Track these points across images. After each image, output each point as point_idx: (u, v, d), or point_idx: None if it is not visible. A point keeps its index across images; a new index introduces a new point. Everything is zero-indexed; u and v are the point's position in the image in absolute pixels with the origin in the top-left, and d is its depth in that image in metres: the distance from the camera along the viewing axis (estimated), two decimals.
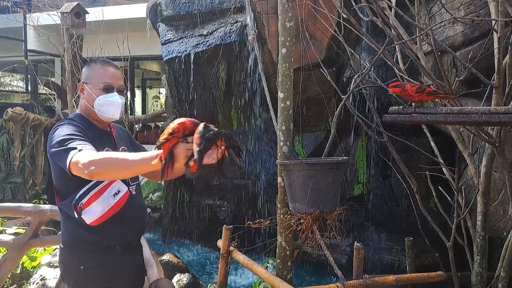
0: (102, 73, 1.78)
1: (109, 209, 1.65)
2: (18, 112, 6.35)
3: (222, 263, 2.52)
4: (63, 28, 5.27)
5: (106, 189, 1.65)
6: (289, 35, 2.49)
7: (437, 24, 2.85)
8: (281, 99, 2.51)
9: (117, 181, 1.67)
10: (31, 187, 6.33)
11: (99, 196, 1.64)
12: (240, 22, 4.56)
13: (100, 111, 1.76)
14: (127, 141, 1.91)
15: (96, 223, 1.65)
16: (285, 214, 2.44)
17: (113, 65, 1.81)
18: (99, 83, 1.76)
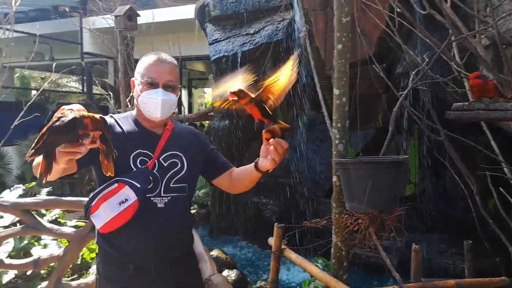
0: (148, 67, 1.58)
1: (114, 218, 1.48)
2: None
3: (274, 261, 2.52)
4: (116, 30, 5.48)
5: (113, 194, 1.49)
6: (345, 31, 2.45)
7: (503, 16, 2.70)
8: (337, 96, 2.47)
9: (126, 187, 1.48)
10: (87, 182, 6.65)
11: (104, 200, 1.50)
12: (287, 20, 4.55)
13: (143, 109, 1.59)
14: (188, 146, 1.67)
15: (104, 231, 1.51)
16: (341, 213, 2.40)
17: (162, 58, 1.61)
18: (143, 78, 1.58)
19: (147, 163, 1.54)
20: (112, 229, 1.49)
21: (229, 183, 1.69)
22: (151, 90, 1.55)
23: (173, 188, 1.58)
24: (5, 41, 5.46)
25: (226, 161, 1.74)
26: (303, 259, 2.38)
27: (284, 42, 4.57)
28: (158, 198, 1.54)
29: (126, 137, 1.56)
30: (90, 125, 1.11)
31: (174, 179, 1.58)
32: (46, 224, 2.61)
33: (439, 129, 3.01)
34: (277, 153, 1.41)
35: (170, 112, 1.60)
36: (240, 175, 1.65)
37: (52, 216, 3.71)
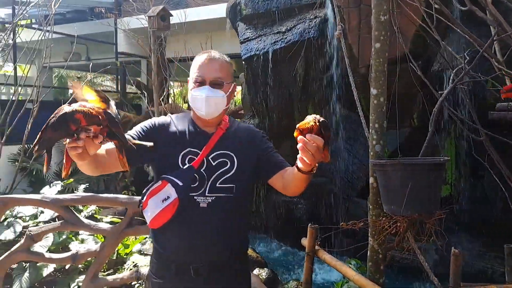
0: (197, 65, 1.58)
1: (158, 214, 1.50)
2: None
3: (308, 261, 2.51)
4: (150, 30, 5.58)
5: (158, 191, 1.52)
6: (384, 29, 2.39)
7: None
8: (374, 95, 2.42)
9: (168, 185, 1.50)
10: (121, 179, 6.82)
11: (151, 196, 1.52)
12: (319, 18, 4.50)
13: (193, 107, 1.59)
14: (242, 146, 1.62)
15: (151, 226, 1.54)
16: (378, 216, 2.35)
17: (211, 55, 1.59)
18: (193, 75, 1.58)
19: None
20: (158, 225, 1.51)
21: (282, 184, 1.61)
22: (198, 87, 1.55)
23: (219, 188, 1.54)
24: (45, 42, 5.67)
25: (281, 160, 1.65)
26: (338, 261, 2.35)
27: (316, 40, 4.52)
28: (201, 197, 1.52)
29: (178, 136, 1.57)
30: (83, 120, 1.11)
31: (221, 179, 1.54)
32: (84, 220, 2.69)
33: (479, 129, 2.91)
34: (305, 151, 1.28)
35: (217, 109, 1.57)
36: (289, 176, 1.56)
37: (88, 212, 3.83)
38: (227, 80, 1.59)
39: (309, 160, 1.30)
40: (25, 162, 6.06)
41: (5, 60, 6.33)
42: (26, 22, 7.90)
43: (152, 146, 1.38)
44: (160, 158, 1.56)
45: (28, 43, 5.86)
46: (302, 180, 1.47)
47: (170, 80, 7.03)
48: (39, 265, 3.06)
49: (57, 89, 11.36)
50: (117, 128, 1.19)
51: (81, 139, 1.12)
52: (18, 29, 6.22)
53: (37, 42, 5.73)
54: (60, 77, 11.94)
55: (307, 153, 1.28)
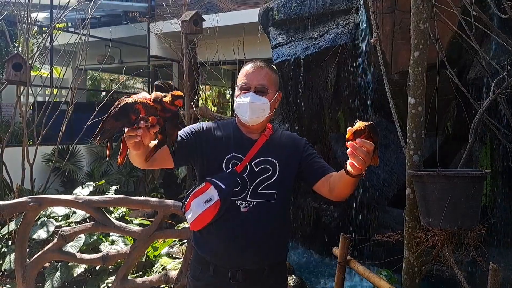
0: (244, 73, 1.63)
1: (199, 216, 1.53)
2: None
3: (339, 271, 2.46)
4: (182, 35, 5.66)
5: (201, 193, 1.55)
6: (423, 37, 2.34)
7: None
8: (412, 104, 2.37)
9: (211, 187, 1.53)
10: (150, 181, 6.93)
11: (194, 198, 1.56)
12: (352, 23, 4.44)
13: (237, 113, 1.63)
14: (284, 152, 1.64)
15: (193, 228, 1.58)
16: (414, 228, 2.28)
17: (257, 64, 1.64)
18: (239, 83, 1.63)
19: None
20: (200, 227, 1.54)
21: (328, 189, 1.61)
22: (242, 94, 1.60)
23: (260, 194, 1.56)
24: (81, 45, 5.84)
25: (325, 165, 1.67)
26: (371, 272, 2.29)
27: (348, 46, 4.46)
28: (243, 202, 1.54)
29: (223, 141, 1.61)
30: (142, 110, 1.18)
31: (263, 184, 1.57)
32: (115, 222, 2.73)
33: None
34: (355, 156, 1.30)
35: (261, 116, 1.60)
36: (335, 180, 1.57)
37: (119, 214, 3.90)
38: (271, 87, 1.63)
39: (359, 165, 1.31)
40: (59, 162, 6.24)
41: (42, 63, 6.54)
42: (63, 25, 8.16)
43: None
44: (205, 161, 1.60)
45: (64, 46, 6.05)
46: (350, 184, 1.48)
47: (201, 84, 7.10)
48: (70, 265, 3.14)
49: (90, 91, 11.67)
50: (169, 123, 1.28)
51: (140, 128, 1.18)
52: (55, 32, 6.43)
53: (73, 45, 5.91)
54: (94, 80, 12.26)
55: (357, 158, 1.30)
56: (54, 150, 6.08)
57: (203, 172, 1.62)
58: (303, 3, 4.96)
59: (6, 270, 3.49)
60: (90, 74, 12.46)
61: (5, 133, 5.57)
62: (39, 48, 6.04)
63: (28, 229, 2.69)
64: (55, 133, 5.66)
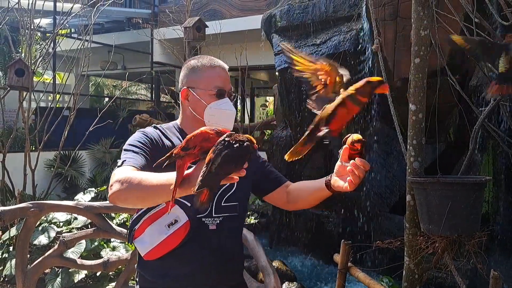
0: (212, 75, 1.43)
1: (160, 243, 1.31)
2: (144, 119, 7.02)
3: (340, 278, 2.45)
4: (185, 41, 5.69)
5: (161, 215, 1.32)
6: (424, 44, 2.35)
7: None
8: (413, 111, 2.38)
9: (176, 207, 1.31)
10: None
11: (151, 222, 1.32)
12: (354, 30, 4.46)
13: (211, 121, 1.40)
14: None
15: (148, 257, 1.33)
16: (415, 235, 2.28)
17: (222, 64, 1.47)
18: (209, 88, 1.41)
19: None
20: (160, 255, 1.32)
21: (285, 199, 1.51)
22: (219, 100, 1.41)
23: (224, 207, 1.40)
24: (83, 51, 5.87)
25: (279, 175, 1.57)
26: (372, 279, 2.28)
27: (351, 53, 4.47)
28: (209, 218, 1.36)
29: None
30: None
31: (225, 197, 1.41)
32: (116, 228, 2.72)
33: None
34: (356, 176, 1.27)
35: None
36: (302, 191, 1.48)
37: (120, 220, 3.89)
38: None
39: (356, 183, 1.30)
40: (60, 168, 6.24)
41: (45, 68, 6.58)
42: (66, 31, 8.21)
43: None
44: None
45: (67, 52, 6.08)
46: (324, 198, 1.44)
47: None
48: (71, 271, 3.12)
49: (93, 97, 11.70)
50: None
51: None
52: (58, 38, 6.47)
53: (76, 51, 5.94)
54: (96, 85, 12.30)
55: (355, 177, 1.29)
56: (56, 156, 6.09)
57: None
58: (305, 10, 4.98)
59: (7, 275, 3.48)
60: (93, 80, 12.50)
61: (8, 138, 5.59)
62: (41, 53, 6.08)
63: (29, 235, 2.68)
64: (57, 139, 5.67)
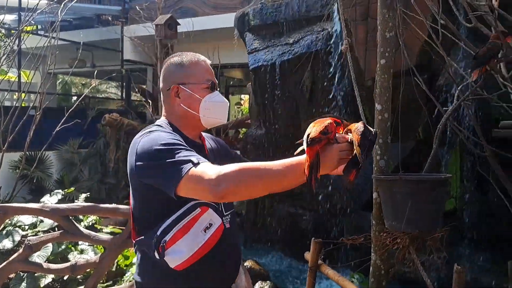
0: (201, 68, 1.43)
1: (199, 249, 1.26)
2: (114, 118, 6.86)
3: (310, 276, 2.47)
4: (157, 39, 5.60)
5: (196, 221, 1.27)
6: (389, 46, 2.41)
7: None
8: (379, 111, 2.42)
9: (208, 212, 1.29)
10: (123, 187, 6.79)
11: (187, 231, 1.26)
12: (326, 30, 4.50)
13: (206, 116, 1.39)
14: (220, 153, 1.53)
15: (181, 267, 1.26)
16: (381, 231, 2.33)
17: (205, 58, 1.48)
18: (201, 81, 1.40)
19: None
20: (192, 262, 1.26)
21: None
22: (212, 93, 1.41)
23: (228, 205, 1.43)
24: (50, 49, 5.68)
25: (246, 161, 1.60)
26: (341, 276, 2.31)
27: (323, 53, 4.52)
28: (224, 217, 1.38)
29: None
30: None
31: None
32: (83, 231, 2.65)
33: (483, 144, 2.88)
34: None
35: None
36: None
37: (89, 222, 3.79)
38: None
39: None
40: (26, 169, 6.03)
41: (9, 66, 6.33)
42: (32, 28, 7.95)
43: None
44: None
45: (33, 49, 5.88)
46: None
47: None
48: (37, 276, 3.02)
49: (61, 96, 11.38)
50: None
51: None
52: (23, 35, 6.25)
53: (42, 49, 5.74)
54: (64, 84, 11.97)
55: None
56: (22, 157, 5.88)
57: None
58: (278, 9, 4.99)
59: None
60: (60, 78, 12.16)
61: None
62: (6, 51, 5.85)
63: None
64: (22, 139, 5.47)
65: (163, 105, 1.47)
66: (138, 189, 1.35)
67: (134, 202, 1.40)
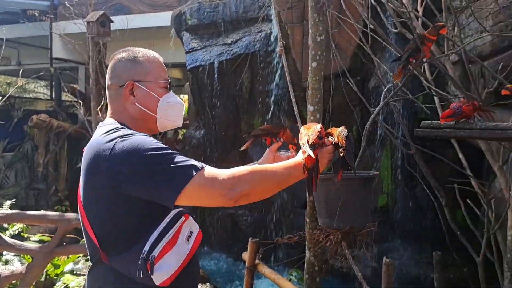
0: (158, 66, 1.31)
1: (184, 259, 1.17)
2: (42, 119, 6.48)
3: (248, 276, 2.50)
4: (88, 36, 5.37)
5: (180, 231, 1.17)
6: (320, 49, 2.49)
7: (468, 38, 2.81)
8: (311, 112, 2.49)
9: (189, 219, 1.21)
10: (53, 193, 6.44)
11: (175, 242, 1.15)
12: (264, 32, 4.57)
13: (163, 117, 1.28)
14: None
15: (168, 283, 1.13)
16: (314, 229, 2.40)
17: (159, 55, 1.36)
18: (159, 79, 1.29)
19: None
20: (177, 274, 1.16)
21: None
22: (168, 93, 1.30)
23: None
24: None
25: None
26: (277, 275, 2.36)
27: (261, 53, 4.59)
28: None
29: None
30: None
31: None
32: (7, 240, 2.48)
33: (409, 143, 3.08)
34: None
35: None
36: None
37: (14, 231, 3.56)
38: None
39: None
40: None
41: None
42: None
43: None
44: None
45: None
46: None
47: None
48: None
49: None
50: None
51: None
52: None
53: None
54: None
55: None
56: None
57: (153, 204, 1.15)
58: (216, 9, 4.99)
59: None
60: None
61: None
62: None
63: None
64: None
65: (110, 104, 1.31)
66: (109, 202, 1.14)
67: (96, 218, 1.17)
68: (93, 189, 1.16)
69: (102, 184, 1.13)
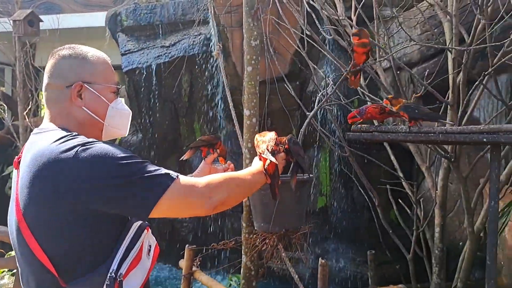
0: (109, 68, 1.21)
1: (147, 274, 1.11)
2: None
3: (184, 284, 2.45)
4: (15, 36, 5.04)
5: (143, 246, 1.10)
6: (255, 54, 2.50)
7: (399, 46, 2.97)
8: (247, 116, 2.50)
9: (148, 233, 1.12)
10: None
11: (140, 257, 1.08)
12: (203, 35, 4.54)
13: (110, 125, 1.18)
14: None
15: None
16: (250, 233, 2.41)
17: (107, 56, 1.26)
18: (110, 83, 1.18)
19: None
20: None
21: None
22: (117, 99, 1.20)
23: None
24: None
25: None
26: (214, 281, 2.35)
27: (200, 57, 4.55)
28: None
29: None
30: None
31: None
32: None
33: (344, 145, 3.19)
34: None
35: None
36: None
37: None
38: None
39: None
40: None
41: None
42: None
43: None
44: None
45: None
46: None
47: (40, 92, 6.39)
48: None
49: None
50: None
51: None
52: None
53: None
54: None
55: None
56: None
57: (121, 216, 1.08)
58: (153, 10, 4.88)
59: None
60: None
61: None
62: None
63: None
64: None
65: (50, 108, 1.15)
66: (70, 221, 1.00)
67: (51, 241, 1.01)
68: (47, 208, 1.00)
69: (60, 202, 0.99)
